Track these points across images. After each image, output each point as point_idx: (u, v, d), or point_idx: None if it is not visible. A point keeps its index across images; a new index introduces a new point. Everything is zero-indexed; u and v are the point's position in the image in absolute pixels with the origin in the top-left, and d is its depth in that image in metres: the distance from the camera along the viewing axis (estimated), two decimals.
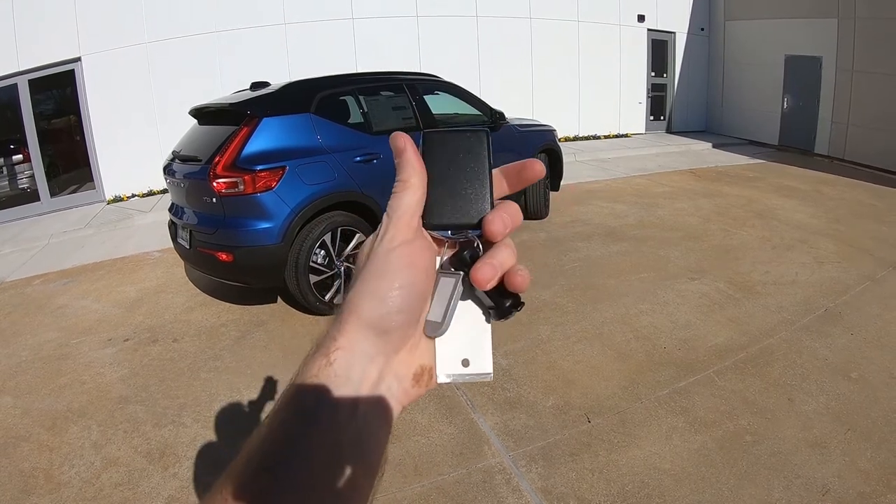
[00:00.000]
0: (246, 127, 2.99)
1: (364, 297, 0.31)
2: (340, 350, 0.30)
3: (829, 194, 6.07)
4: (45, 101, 6.87)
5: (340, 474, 0.28)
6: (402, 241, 0.31)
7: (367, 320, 0.30)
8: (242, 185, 2.89)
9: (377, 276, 0.31)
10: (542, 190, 4.86)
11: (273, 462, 0.28)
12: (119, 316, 3.71)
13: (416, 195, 0.32)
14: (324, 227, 3.13)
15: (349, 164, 3.25)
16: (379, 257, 0.31)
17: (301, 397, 0.30)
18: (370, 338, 0.31)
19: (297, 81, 3.49)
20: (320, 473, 0.28)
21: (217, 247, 3.06)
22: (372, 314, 0.30)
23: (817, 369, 2.68)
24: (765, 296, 3.52)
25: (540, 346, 2.94)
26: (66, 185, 7.07)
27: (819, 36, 8.07)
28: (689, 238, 4.58)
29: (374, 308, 0.30)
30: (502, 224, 0.32)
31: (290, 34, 7.06)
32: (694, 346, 2.95)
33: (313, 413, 0.29)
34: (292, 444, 0.28)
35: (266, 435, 0.29)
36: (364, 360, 0.31)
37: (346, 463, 0.29)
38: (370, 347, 0.31)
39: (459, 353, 0.33)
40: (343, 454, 0.29)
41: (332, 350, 0.30)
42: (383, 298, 0.30)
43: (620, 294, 3.53)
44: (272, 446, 0.29)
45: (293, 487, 0.27)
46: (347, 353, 0.30)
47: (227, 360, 3.04)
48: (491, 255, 0.32)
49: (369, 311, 0.30)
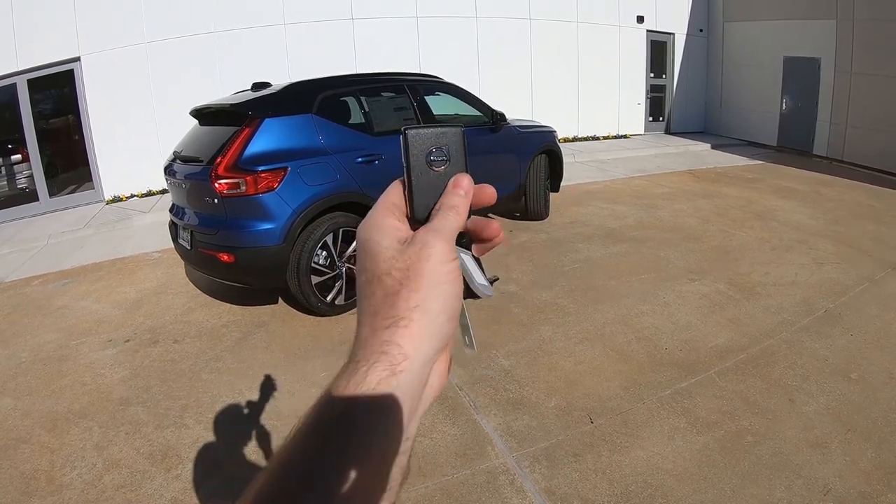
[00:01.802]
0: (248, 128, 2.99)
1: (433, 300, 0.31)
2: (408, 360, 0.30)
3: (827, 195, 6.07)
4: (44, 101, 6.85)
5: (381, 490, 0.29)
6: (452, 258, 0.33)
7: (436, 326, 0.31)
8: (244, 185, 2.89)
9: (441, 284, 0.32)
10: (543, 191, 4.88)
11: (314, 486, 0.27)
12: (119, 317, 3.69)
13: (460, 222, 0.34)
14: (325, 228, 3.13)
15: (351, 164, 3.25)
16: (438, 267, 0.32)
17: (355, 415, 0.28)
18: (434, 342, 0.31)
19: (299, 82, 3.49)
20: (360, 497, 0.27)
21: (218, 248, 3.06)
22: (439, 319, 0.31)
23: (817, 370, 2.69)
24: (765, 297, 3.53)
25: (542, 347, 2.95)
26: (65, 186, 7.05)
27: (818, 37, 8.10)
28: (688, 239, 4.59)
29: (441, 312, 0.31)
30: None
31: (289, 34, 7.05)
32: (695, 346, 2.96)
33: (368, 433, 0.28)
34: (338, 470, 0.27)
35: (308, 450, 0.28)
36: (425, 367, 0.31)
37: (387, 476, 0.29)
38: (432, 351, 0.31)
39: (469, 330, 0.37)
40: (386, 471, 0.29)
41: (400, 360, 0.30)
42: (448, 306, 0.32)
43: (621, 295, 3.54)
44: (314, 467, 0.27)
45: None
46: (413, 362, 0.30)
47: (229, 361, 3.03)
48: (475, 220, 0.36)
49: (439, 316, 0.31)
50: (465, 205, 0.35)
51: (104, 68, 6.55)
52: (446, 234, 0.33)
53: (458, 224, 0.34)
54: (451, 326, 0.32)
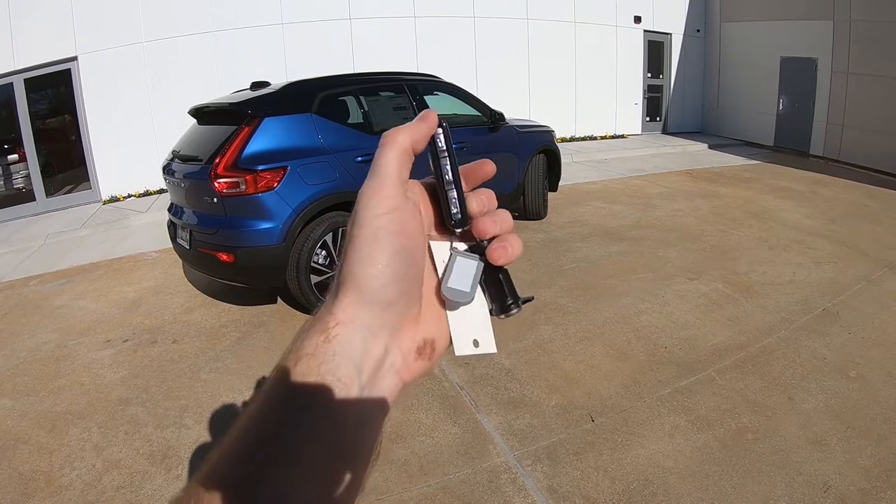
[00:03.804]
0: (247, 127, 2.98)
1: (361, 266, 0.29)
2: (340, 325, 0.28)
3: (824, 195, 6.09)
4: (41, 101, 6.82)
5: (340, 461, 0.27)
6: (391, 207, 0.29)
7: (367, 291, 0.29)
8: (244, 185, 2.88)
9: (370, 243, 0.29)
10: (541, 191, 4.88)
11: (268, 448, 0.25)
12: (117, 317, 3.68)
13: (396, 150, 0.30)
14: (325, 228, 3.13)
15: (350, 164, 3.25)
16: (368, 222, 0.29)
17: (294, 379, 0.27)
18: (374, 310, 0.29)
19: (299, 81, 3.48)
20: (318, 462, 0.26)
21: (218, 247, 3.05)
22: (371, 284, 0.29)
23: (816, 368, 2.70)
24: (763, 296, 3.54)
25: (542, 346, 2.95)
26: (62, 185, 7.02)
27: (814, 38, 8.13)
28: (686, 238, 4.60)
29: (372, 277, 0.29)
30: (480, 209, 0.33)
31: (287, 34, 7.04)
32: (694, 345, 2.97)
33: (310, 397, 0.27)
34: (288, 432, 0.26)
35: (257, 418, 0.27)
36: (366, 335, 0.29)
37: (345, 452, 0.27)
38: (372, 321, 0.29)
39: (470, 334, 0.34)
40: (341, 439, 0.27)
41: (332, 325, 0.28)
42: (381, 267, 0.29)
43: (620, 294, 3.54)
44: (265, 430, 0.26)
45: (291, 472, 0.25)
46: (347, 328, 0.28)
47: (228, 361, 3.02)
48: (504, 238, 0.33)
49: (368, 282, 0.29)
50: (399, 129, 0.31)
51: (101, 67, 6.53)
52: (377, 176, 0.30)
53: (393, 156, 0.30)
54: (392, 293, 0.29)
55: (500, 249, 0.33)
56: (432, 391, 2.61)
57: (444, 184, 0.32)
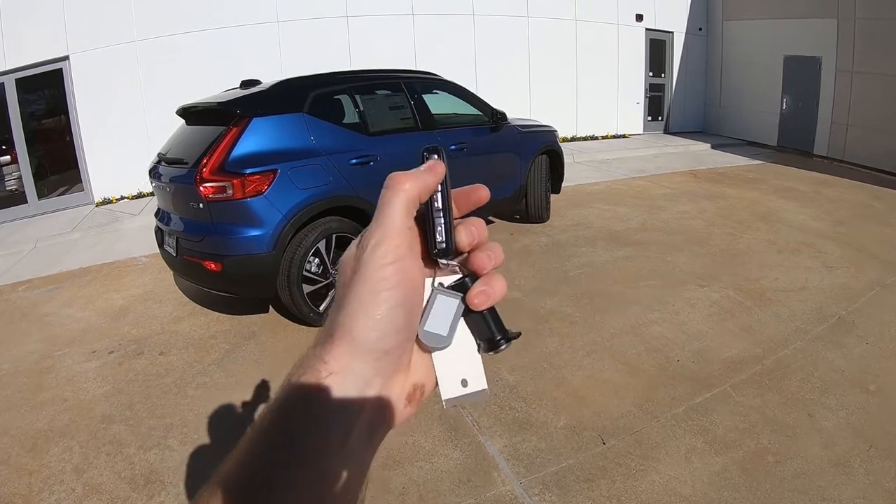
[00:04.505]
0: (235, 128, 2.81)
1: (358, 317, 0.28)
2: (333, 375, 0.28)
3: (829, 196, 5.98)
4: (33, 101, 6.67)
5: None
6: (396, 258, 0.29)
7: (364, 343, 0.28)
8: (231, 189, 2.71)
9: (371, 294, 0.28)
10: (543, 193, 4.71)
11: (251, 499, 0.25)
12: (104, 326, 3.53)
13: (404, 200, 0.29)
14: (318, 234, 2.95)
15: (344, 166, 3.07)
16: (371, 273, 0.29)
17: (286, 427, 0.27)
18: (368, 361, 0.29)
19: (290, 79, 3.29)
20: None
21: (204, 255, 2.87)
22: (369, 336, 0.28)
23: (835, 382, 2.55)
24: (776, 303, 3.40)
25: (548, 360, 2.78)
26: (55, 187, 6.86)
27: (818, 36, 7.98)
28: (694, 242, 4.44)
29: (370, 329, 0.28)
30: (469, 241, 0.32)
31: (283, 32, 6.86)
32: (708, 358, 2.82)
33: (301, 448, 0.27)
34: (274, 483, 0.26)
35: (244, 463, 0.27)
36: (360, 385, 0.29)
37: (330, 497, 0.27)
38: (367, 370, 0.29)
39: (458, 374, 0.32)
40: (327, 489, 0.27)
41: (324, 375, 0.28)
42: (380, 319, 0.28)
43: (628, 302, 3.38)
44: (250, 478, 0.26)
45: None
46: (341, 378, 0.28)
47: (217, 375, 2.87)
48: (486, 281, 0.31)
49: (366, 333, 0.28)
50: (405, 176, 0.30)
51: (93, 67, 6.38)
52: (382, 225, 0.29)
53: (401, 205, 0.29)
54: (390, 344, 0.29)
55: (481, 295, 0.31)
56: (432, 411, 2.45)
57: (432, 210, 0.31)
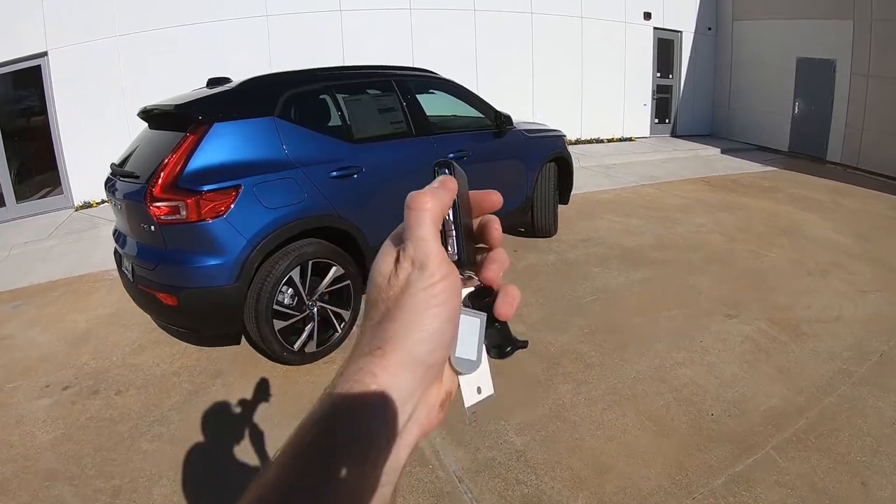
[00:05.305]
0: (192, 135, 2.27)
1: (411, 331, 0.29)
2: (382, 388, 0.28)
3: (849, 207, 5.53)
4: (11, 100, 6.15)
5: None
6: (443, 275, 0.30)
7: (416, 356, 0.29)
8: (184, 210, 2.17)
9: (424, 310, 0.29)
10: (551, 204, 4.16)
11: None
12: (63, 354, 3.09)
13: (432, 219, 0.30)
14: (291, 261, 2.41)
15: (323, 180, 2.52)
16: (421, 291, 0.29)
17: (330, 441, 0.27)
18: (417, 373, 0.29)
19: (260, 77, 2.72)
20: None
21: (158, 286, 2.35)
22: (422, 349, 0.29)
23: (887, 437, 2.15)
24: (812, 337, 2.93)
25: (561, 416, 2.26)
26: (36, 190, 6.34)
27: (833, 38, 7.45)
28: (715, 261, 3.92)
29: (423, 342, 0.29)
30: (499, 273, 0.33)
31: (272, 27, 6.28)
32: (745, 410, 2.35)
33: (341, 460, 0.26)
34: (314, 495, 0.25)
35: (283, 478, 0.26)
36: (404, 397, 0.29)
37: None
38: (414, 383, 0.29)
39: (475, 383, 0.33)
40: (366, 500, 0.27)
41: (373, 388, 0.28)
42: (433, 333, 0.29)
43: (650, 338, 2.86)
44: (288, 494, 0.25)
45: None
46: (389, 390, 0.28)
47: (174, 425, 2.38)
48: (506, 292, 0.33)
49: (420, 346, 0.29)
50: (427, 196, 0.30)
51: (73, 63, 5.84)
52: (421, 249, 0.29)
53: (430, 227, 0.30)
54: (439, 357, 0.30)
55: (507, 306, 0.32)
56: (423, 484, 1.94)
57: (445, 224, 0.31)
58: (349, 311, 2.66)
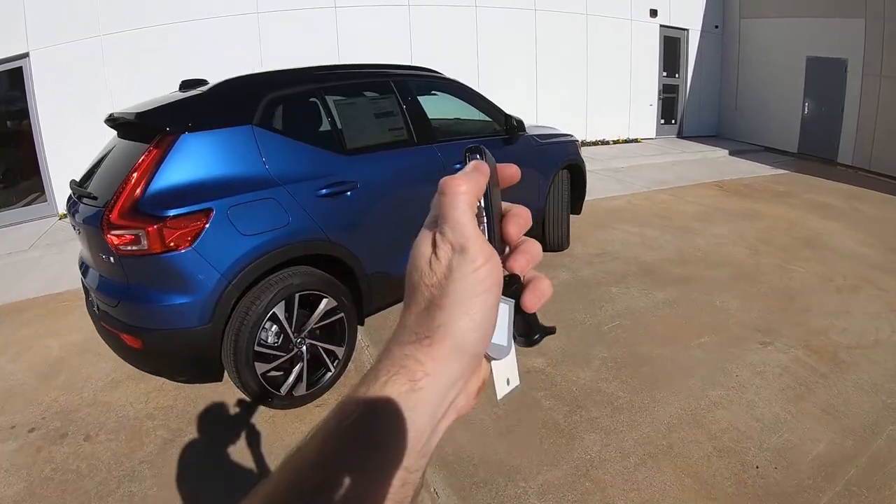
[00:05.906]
0: (155, 149, 1.88)
1: (460, 318, 0.28)
2: (429, 377, 0.27)
3: (868, 213, 5.20)
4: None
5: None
6: (485, 258, 0.28)
7: (464, 344, 0.28)
8: (146, 239, 1.79)
9: (472, 297, 0.28)
10: (565, 215, 3.77)
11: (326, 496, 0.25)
12: (31, 388, 2.77)
13: (467, 203, 0.28)
14: (274, 295, 2.02)
15: (310, 199, 2.14)
16: (466, 276, 0.28)
17: (371, 422, 0.26)
18: (463, 361, 0.28)
19: (236, 78, 2.30)
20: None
21: (122, 326, 1.97)
22: (470, 337, 0.28)
23: None
24: (852, 366, 2.62)
25: (588, 475, 1.90)
26: (21, 196, 5.97)
27: (844, 37, 7.09)
28: (741, 278, 3.55)
29: (472, 330, 0.28)
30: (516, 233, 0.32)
31: (263, 24, 5.86)
32: (792, 460, 2.03)
33: (383, 446, 0.26)
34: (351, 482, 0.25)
35: (324, 456, 0.26)
36: (448, 385, 0.28)
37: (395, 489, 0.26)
38: (458, 371, 0.28)
39: (505, 374, 0.32)
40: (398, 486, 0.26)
41: (419, 377, 0.27)
42: (480, 320, 0.28)
43: (682, 372, 2.49)
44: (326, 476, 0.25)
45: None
46: (435, 380, 0.28)
47: (147, 482, 2.05)
48: (535, 285, 0.31)
49: (468, 335, 0.28)
50: (462, 178, 0.29)
51: (56, 64, 5.45)
52: (462, 234, 0.28)
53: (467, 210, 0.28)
54: (484, 345, 0.29)
55: (534, 299, 0.31)
56: None
57: (478, 210, 0.30)
58: (343, 348, 2.28)
